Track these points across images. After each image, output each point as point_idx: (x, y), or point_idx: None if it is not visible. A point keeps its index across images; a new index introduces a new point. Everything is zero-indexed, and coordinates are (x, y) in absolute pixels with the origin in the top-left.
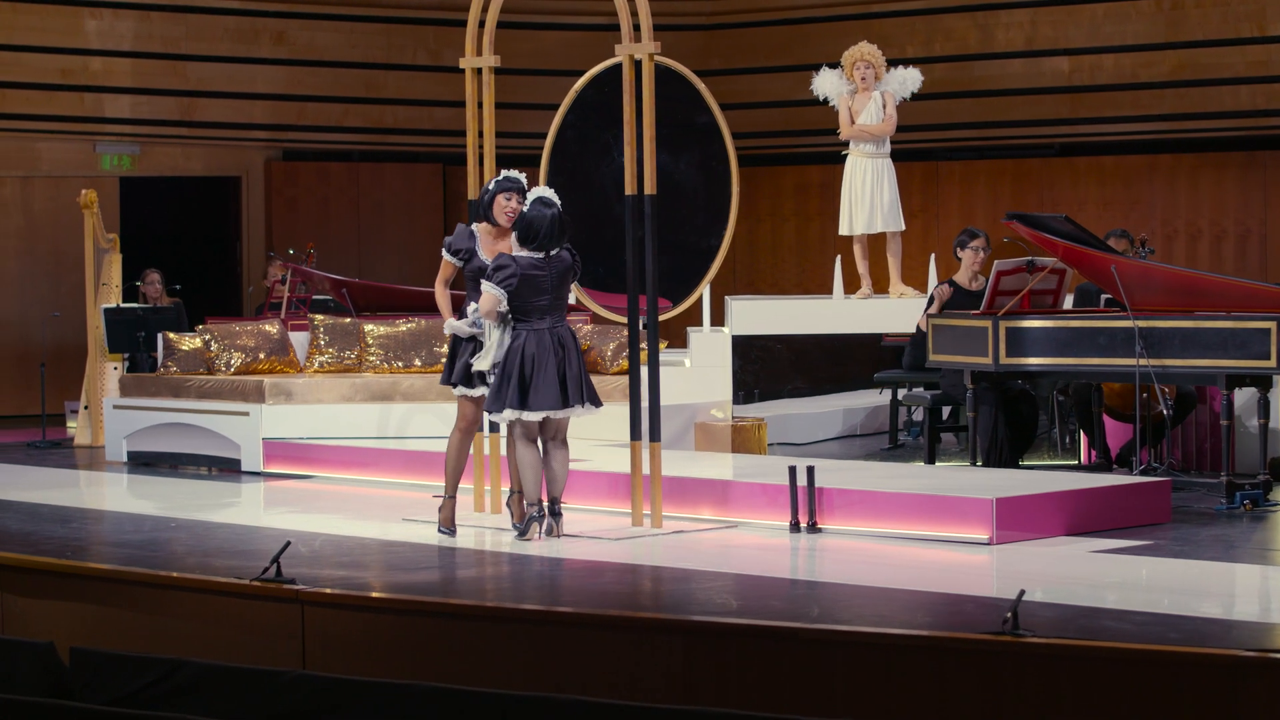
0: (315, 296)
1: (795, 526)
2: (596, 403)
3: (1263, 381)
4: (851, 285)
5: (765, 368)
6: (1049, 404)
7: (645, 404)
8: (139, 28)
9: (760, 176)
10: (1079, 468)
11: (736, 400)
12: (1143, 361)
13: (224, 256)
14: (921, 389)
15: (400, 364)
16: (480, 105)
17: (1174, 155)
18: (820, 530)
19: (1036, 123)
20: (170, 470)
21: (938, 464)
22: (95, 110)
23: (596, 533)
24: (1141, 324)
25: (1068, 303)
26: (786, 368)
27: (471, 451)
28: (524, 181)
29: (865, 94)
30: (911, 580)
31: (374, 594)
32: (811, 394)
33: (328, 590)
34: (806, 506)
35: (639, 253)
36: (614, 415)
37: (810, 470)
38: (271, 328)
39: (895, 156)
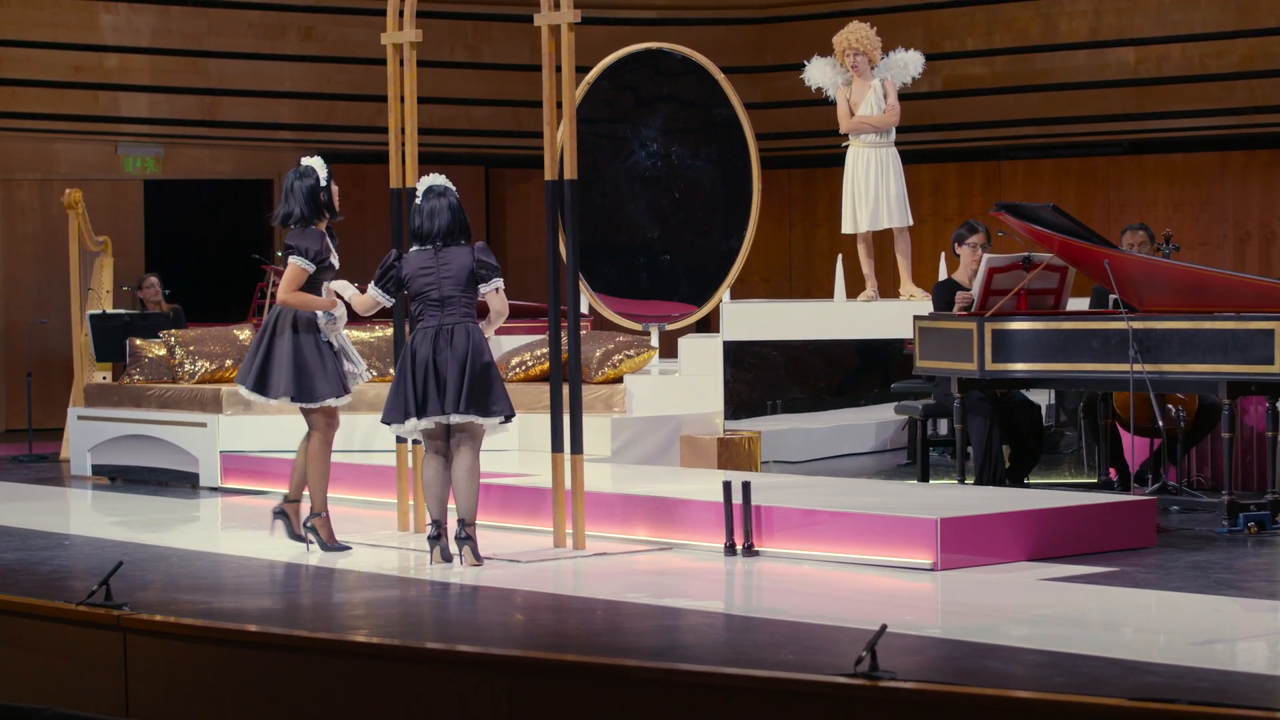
0: None
1: (730, 549)
2: (483, 413)
3: (1270, 389)
4: (856, 288)
5: (761, 376)
6: (1075, 416)
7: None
8: (157, 23)
9: (816, 178)
10: (1091, 486)
11: (738, 413)
12: (1138, 367)
13: (256, 263)
14: (918, 400)
15: (373, 372)
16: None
17: (1246, 152)
18: (757, 553)
19: (1102, 118)
20: (140, 486)
21: (932, 483)
22: (111, 109)
23: (513, 555)
24: (1136, 325)
25: (1082, 305)
26: (783, 377)
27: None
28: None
29: (863, 82)
30: (822, 612)
31: (197, 621)
32: (814, 407)
33: (147, 616)
34: (743, 527)
35: (553, 243)
36: (591, 428)
37: (746, 487)
38: (242, 334)
39: (955, 155)
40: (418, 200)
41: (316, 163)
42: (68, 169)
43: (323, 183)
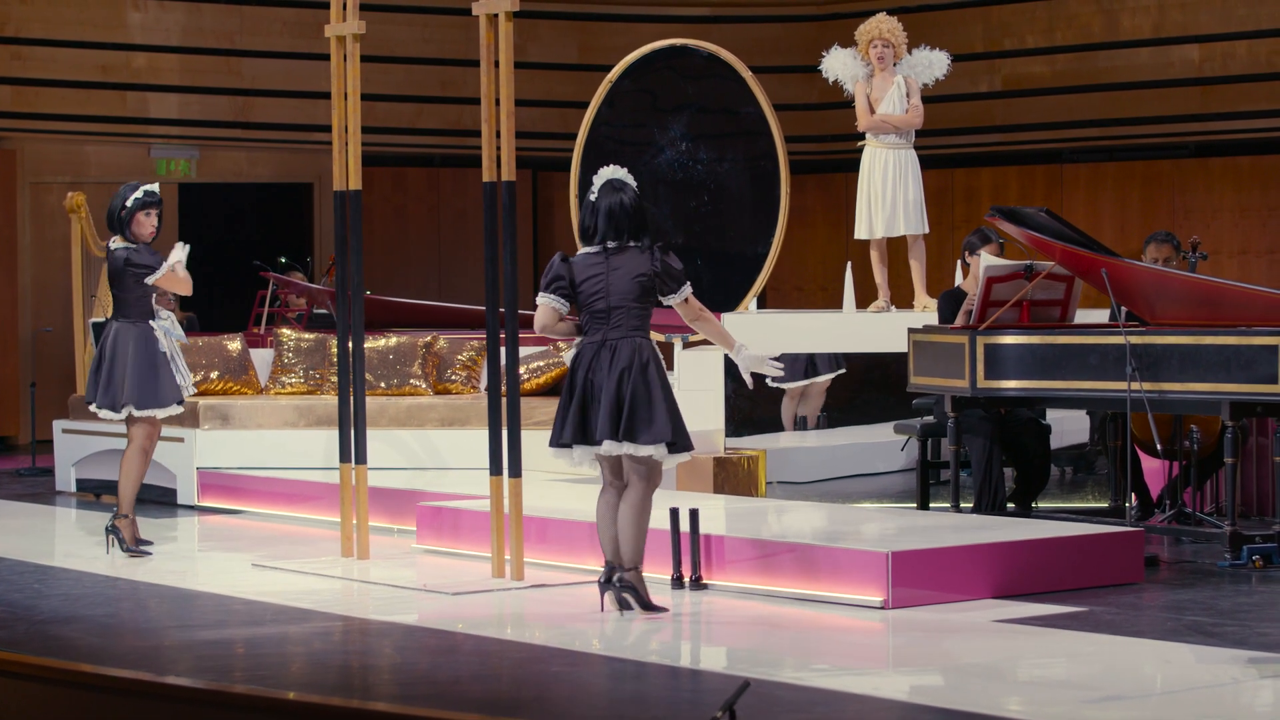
0: (316, 310)
1: (677, 582)
2: (637, 441)
3: (1277, 410)
4: (868, 297)
5: (767, 392)
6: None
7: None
8: (188, 21)
9: None
10: (1099, 513)
11: (740, 430)
12: (1136, 386)
13: (256, 269)
14: (918, 418)
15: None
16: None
17: None
18: (705, 587)
19: (1166, 119)
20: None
21: (931, 508)
22: (140, 110)
23: (442, 585)
24: (1134, 340)
25: (1103, 318)
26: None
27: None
28: (159, 195)
29: (884, 77)
30: (743, 656)
31: (52, 662)
32: (833, 423)
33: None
34: (690, 559)
35: (495, 252)
36: None
37: (694, 515)
38: (232, 344)
39: (1017, 159)
40: (591, 195)
41: (125, 186)
42: (99, 172)
43: (123, 206)
